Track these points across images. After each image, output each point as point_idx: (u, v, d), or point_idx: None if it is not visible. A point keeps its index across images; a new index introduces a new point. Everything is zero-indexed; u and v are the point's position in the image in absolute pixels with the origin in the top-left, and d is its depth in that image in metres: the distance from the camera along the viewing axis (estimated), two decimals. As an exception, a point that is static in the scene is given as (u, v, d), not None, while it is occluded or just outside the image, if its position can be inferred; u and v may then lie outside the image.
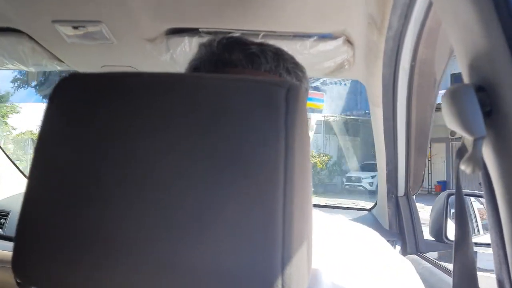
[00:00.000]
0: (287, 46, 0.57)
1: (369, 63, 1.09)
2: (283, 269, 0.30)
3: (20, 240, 0.35)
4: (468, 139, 0.41)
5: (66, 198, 0.34)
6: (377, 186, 1.63)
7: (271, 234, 0.30)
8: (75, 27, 1.04)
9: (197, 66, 0.57)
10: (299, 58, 0.60)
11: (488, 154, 0.42)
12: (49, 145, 0.36)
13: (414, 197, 1.48)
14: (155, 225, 0.32)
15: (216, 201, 0.31)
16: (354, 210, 2.09)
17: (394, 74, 1.03)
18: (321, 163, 12.88)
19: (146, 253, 0.31)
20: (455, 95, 0.41)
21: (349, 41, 1.01)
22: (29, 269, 0.34)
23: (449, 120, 0.42)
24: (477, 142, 0.39)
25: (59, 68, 1.36)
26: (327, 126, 13.12)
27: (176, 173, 0.32)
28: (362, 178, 11.94)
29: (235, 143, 0.32)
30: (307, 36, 1.02)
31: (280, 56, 0.56)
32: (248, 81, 0.36)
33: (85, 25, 1.04)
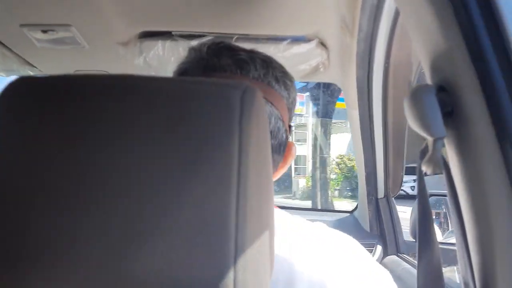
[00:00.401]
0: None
1: (343, 65, 1.09)
2: (236, 275, 0.29)
3: None
4: (429, 139, 0.40)
5: (11, 208, 0.32)
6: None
7: (223, 238, 0.30)
8: (44, 31, 1.02)
9: (185, 69, 0.56)
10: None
11: (450, 155, 0.42)
12: None
13: (393, 198, 1.49)
14: (110, 235, 0.30)
15: (172, 208, 0.30)
16: (336, 212, 2.10)
17: (368, 76, 1.04)
18: (358, 166, 12.35)
19: (100, 266, 0.30)
20: (416, 96, 0.40)
21: (322, 44, 1.01)
22: None
23: (410, 121, 0.42)
24: (436, 142, 0.38)
25: (31, 73, 1.33)
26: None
27: (131, 182, 0.31)
28: (404, 182, 11.54)
29: (190, 148, 0.31)
30: (280, 39, 1.02)
31: (269, 64, 0.56)
32: (204, 83, 0.35)
33: (54, 29, 1.01)
